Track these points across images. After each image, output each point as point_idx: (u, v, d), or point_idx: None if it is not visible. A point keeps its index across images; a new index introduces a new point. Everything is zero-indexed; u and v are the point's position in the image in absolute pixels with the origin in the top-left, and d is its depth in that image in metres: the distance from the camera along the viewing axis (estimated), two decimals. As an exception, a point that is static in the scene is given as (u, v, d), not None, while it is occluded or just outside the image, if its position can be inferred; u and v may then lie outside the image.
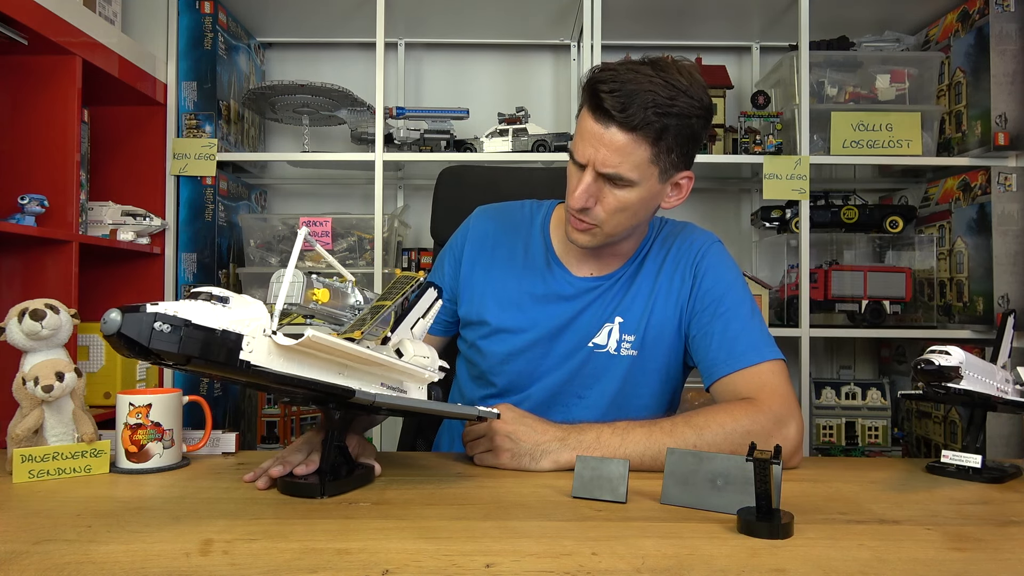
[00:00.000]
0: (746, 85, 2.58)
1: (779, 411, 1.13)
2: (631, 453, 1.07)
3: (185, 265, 2.15)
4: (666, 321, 1.26)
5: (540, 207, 1.38)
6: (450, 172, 1.70)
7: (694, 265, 1.27)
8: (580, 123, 1.14)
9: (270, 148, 2.61)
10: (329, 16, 2.38)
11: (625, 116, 1.07)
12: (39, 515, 0.87)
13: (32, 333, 1.06)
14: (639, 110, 1.07)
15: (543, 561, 0.72)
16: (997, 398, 1.09)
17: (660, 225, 1.34)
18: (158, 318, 0.72)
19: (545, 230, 1.35)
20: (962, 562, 0.74)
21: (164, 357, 0.74)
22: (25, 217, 1.58)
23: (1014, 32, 2.04)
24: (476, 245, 1.35)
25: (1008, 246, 2.03)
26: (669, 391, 1.32)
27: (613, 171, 1.11)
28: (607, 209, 1.15)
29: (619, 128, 1.08)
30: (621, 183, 1.12)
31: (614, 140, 1.09)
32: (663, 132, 1.09)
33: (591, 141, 1.11)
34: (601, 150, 1.10)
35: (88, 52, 1.74)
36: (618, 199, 1.14)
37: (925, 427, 2.24)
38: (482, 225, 1.37)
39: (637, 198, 1.15)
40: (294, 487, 0.94)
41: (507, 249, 1.34)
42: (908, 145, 2.16)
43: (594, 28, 2.15)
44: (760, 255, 2.58)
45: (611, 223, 1.17)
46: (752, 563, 0.72)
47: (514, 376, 1.29)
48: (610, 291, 1.29)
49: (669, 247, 1.30)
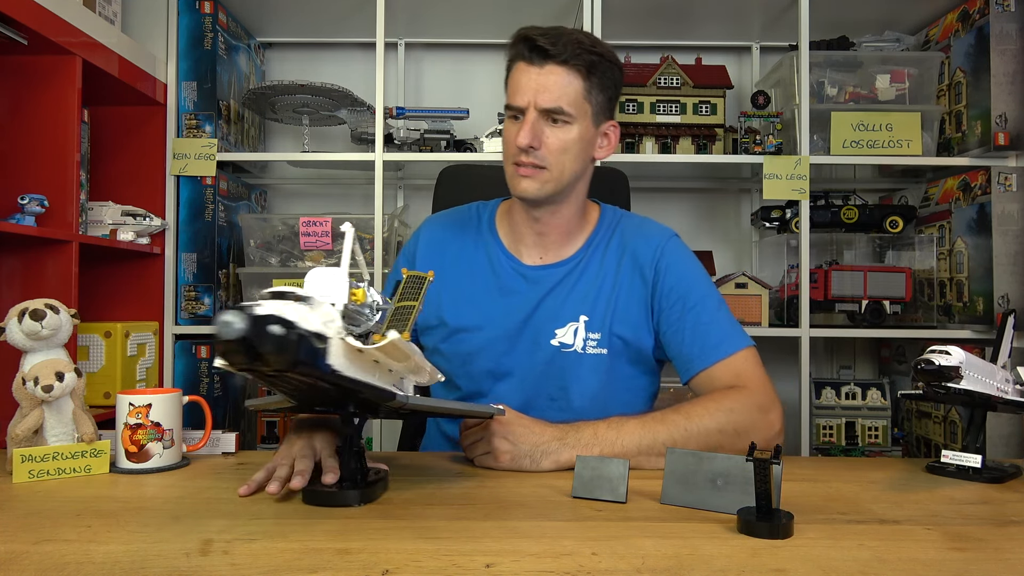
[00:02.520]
0: (746, 85, 2.58)
1: (761, 399, 1.17)
2: (628, 446, 1.09)
3: (185, 265, 2.15)
4: (632, 319, 1.27)
5: (486, 206, 1.41)
6: (450, 172, 1.70)
7: (655, 262, 1.29)
8: (513, 77, 1.23)
9: (270, 148, 2.61)
10: (329, 16, 2.38)
11: (558, 49, 1.18)
12: (39, 515, 0.87)
13: (32, 333, 1.06)
14: (570, 44, 1.19)
15: (543, 561, 0.72)
16: (997, 398, 1.09)
17: (616, 217, 1.36)
18: (272, 320, 0.67)
19: (492, 225, 1.37)
20: (962, 562, 0.74)
21: (270, 364, 0.68)
22: (25, 217, 1.58)
23: (1014, 32, 2.04)
24: (427, 252, 1.36)
25: (1008, 246, 2.03)
26: (647, 388, 1.34)
27: (554, 104, 1.18)
28: (551, 149, 1.21)
29: (554, 63, 1.19)
30: (561, 119, 1.20)
31: (551, 75, 1.19)
32: (592, 67, 1.20)
33: (529, 84, 1.20)
34: (540, 88, 1.19)
35: (88, 52, 1.74)
36: (560, 139, 1.21)
37: (925, 427, 2.24)
38: (432, 232, 1.39)
39: (577, 137, 1.22)
40: (327, 497, 0.90)
41: (457, 249, 1.35)
42: (908, 145, 2.16)
43: (594, 28, 2.15)
44: (760, 255, 2.58)
45: (556, 165, 1.22)
46: (752, 563, 0.72)
47: (479, 377, 1.29)
48: (565, 280, 1.30)
49: (627, 243, 1.32)
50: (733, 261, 2.59)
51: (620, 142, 2.20)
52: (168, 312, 2.13)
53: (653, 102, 2.22)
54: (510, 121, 1.24)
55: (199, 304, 2.14)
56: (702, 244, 2.57)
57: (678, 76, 2.22)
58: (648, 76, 2.22)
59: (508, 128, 1.24)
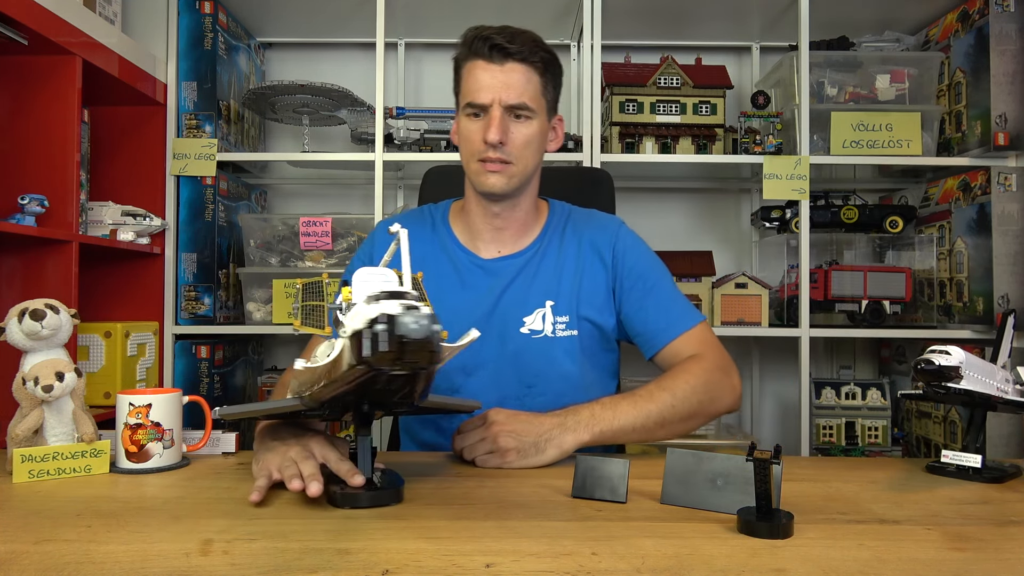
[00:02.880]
0: (746, 85, 2.58)
1: (722, 362, 1.28)
2: (624, 424, 1.14)
3: (185, 265, 2.15)
4: (597, 301, 1.33)
5: (437, 207, 1.44)
6: (436, 172, 1.71)
7: (612, 247, 1.36)
8: (471, 75, 1.25)
9: (270, 148, 2.61)
10: (329, 16, 2.38)
11: (517, 47, 1.23)
12: (39, 515, 0.87)
13: (32, 333, 1.06)
14: (528, 43, 1.25)
15: (543, 561, 0.72)
16: (997, 398, 1.09)
17: (566, 210, 1.42)
18: (437, 320, 0.67)
19: (446, 223, 1.39)
20: (962, 562, 0.74)
21: (434, 361, 0.69)
22: (25, 217, 1.58)
23: (1014, 32, 2.04)
24: (383, 251, 1.35)
25: (1008, 246, 2.03)
26: (612, 365, 1.41)
27: (519, 100, 1.23)
28: (516, 144, 1.25)
29: (514, 61, 1.24)
30: (524, 114, 1.25)
31: (514, 72, 1.24)
32: (547, 64, 1.28)
33: (492, 81, 1.23)
34: (504, 85, 1.23)
35: (88, 52, 1.74)
36: (523, 134, 1.25)
37: (925, 427, 2.24)
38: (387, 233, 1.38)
39: (538, 131, 1.27)
40: (369, 499, 0.89)
41: (414, 248, 1.35)
42: (908, 145, 2.16)
43: (594, 28, 2.15)
44: (760, 255, 2.58)
45: (521, 159, 1.26)
46: (752, 563, 0.72)
47: (450, 373, 1.30)
48: (526, 269, 1.33)
49: (581, 231, 1.38)
50: (733, 261, 2.59)
51: (620, 142, 2.22)
52: (168, 312, 2.13)
53: (653, 102, 2.22)
54: (469, 119, 1.27)
55: (199, 304, 2.14)
56: (702, 244, 2.57)
57: (678, 76, 2.22)
58: (648, 76, 2.22)
59: (468, 126, 1.27)
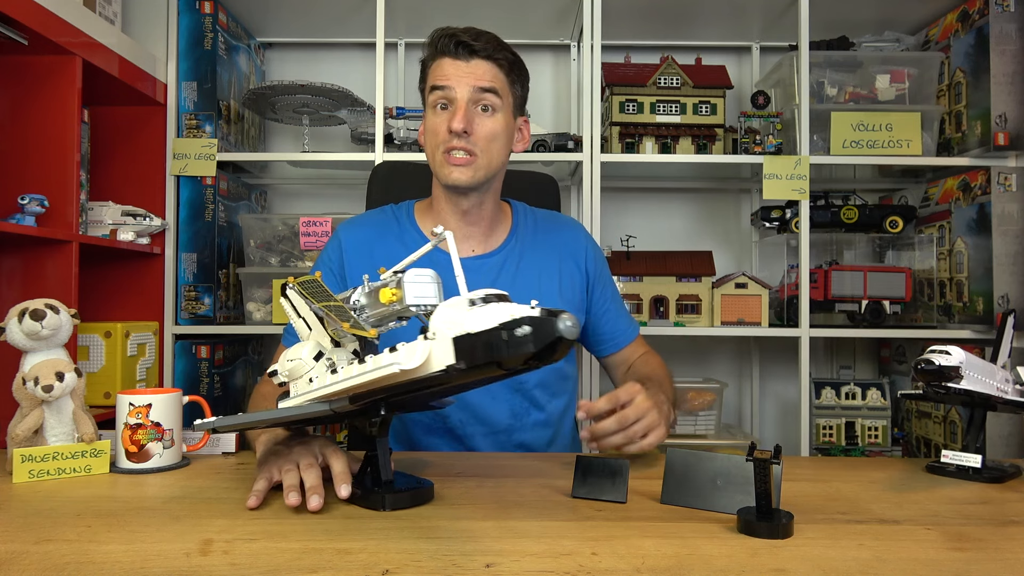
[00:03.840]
0: (746, 85, 2.58)
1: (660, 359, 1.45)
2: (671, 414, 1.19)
3: (185, 265, 2.15)
4: (575, 300, 1.40)
5: (400, 207, 1.44)
6: (384, 168, 1.73)
7: (584, 251, 1.43)
8: (437, 69, 1.28)
9: (270, 148, 2.61)
10: (329, 16, 2.38)
11: (483, 45, 1.26)
12: (39, 515, 0.87)
13: (32, 333, 1.06)
14: (492, 41, 1.28)
15: (543, 561, 0.72)
16: (997, 398, 1.09)
17: (528, 209, 1.46)
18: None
19: (413, 223, 1.39)
20: (962, 562, 0.74)
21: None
22: (25, 217, 1.58)
23: (1014, 32, 2.04)
24: (354, 254, 1.36)
25: (1008, 246, 2.03)
26: (573, 357, 1.54)
27: (489, 84, 1.25)
28: (481, 136, 1.26)
29: (480, 58, 1.26)
30: (490, 104, 1.26)
31: (479, 67, 1.26)
32: (512, 64, 1.30)
33: (458, 75, 1.25)
34: (471, 75, 1.25)
35: (88, 52, 1.74)
36: (488, 127, 1.27)
37: (925, 427, 2.24)
38: (354, 235, 1.39)
39: (503, 126, 1.29)
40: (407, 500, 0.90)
41: (385, 250, 1.35)
42: (908, 145, 2.16)
43: (594, 28, 2.15)
44: (760, 255, 2.58)
45: (486, 152, 1.27)
46: (752, 563, 0.72)
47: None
48: (505, 268, 1.36)
49: (552, 233, 1.43)
50: (733, 261, 2.59)
51: (620, 142, 2.22)
52: (168, 312, 2.13)
53: (653, 102, 2.22)
54: (434, 112, 1.28)
55: (199, 304, 2.14)
56: (702, 244, 2.57)
57: (678, 76, 2.22)
58: (648, 76, 2.22)
59: (433, 119, 1.28)
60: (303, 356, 0.92)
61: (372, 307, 0.89)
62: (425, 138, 1.32)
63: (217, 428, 0.97)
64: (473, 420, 1.32)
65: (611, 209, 2.55)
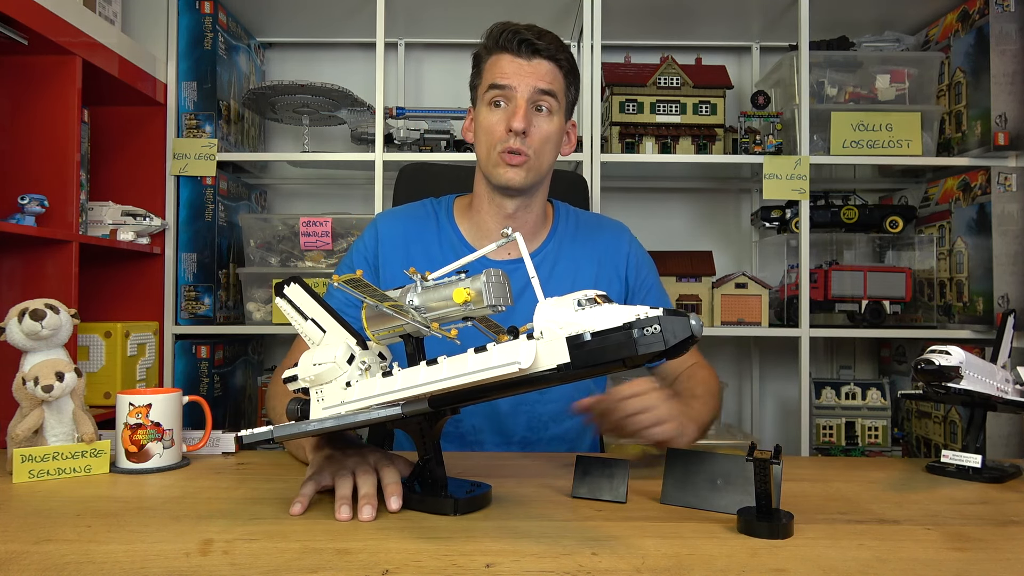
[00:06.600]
0: (746, 85, 2.58)
1: (708, 364, 1.38)
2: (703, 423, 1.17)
3: (185, 265, 2.15)
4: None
5: (439, 202, 1.41)
6: (410, 169, 1.71)
7: (626, 257, 1.39)
8: (496, 65, 1.26)
9: (270, 148, 2.61)
10: (329, 16, 2.38)
11: (546, 44, 1.24)
12: (39, 515, 0.87)
13: (32, 333, 1.06)
14: (554, 42, 1.26)
15: (543, 561, 0.72)
16: (997, 398, 1.09)
17: (571, 211, 1.43)
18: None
19: (452, 221, 1.37)
20: (962, 562, 0.74)
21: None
22: (25, 217, 1.58)
23: (1014, 32, 2.04)
24: (389, 246, 1.34)
25: (1008, 246, 2.03)
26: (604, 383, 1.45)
27: (548, 85, 1.24)
28: (537, 138, 1.25)
29: (543, 58, 1.25)
30: (547, 105, 1.25)
31: (541, 67, 1.25)
32: (571, 66, 1.29)
33: (520, 73, 1.24)
34: (533, 74, 1.24)
35: (88, 52, 1.74)
36: (544, 129, 1.25)
37: (925, 427, 2.24)
38: (391, 226, 1.36)
39: (557, 128, 1.27)
40: (475, 503, 0.89)
41: (421, 245, 1.34)
42: (908, 145, 2.16)
43: (594, 28, 2.15)
44: (760, 255, 2.58)
45: (540, 154, 1.26)
46: (752, 563, 0.72)
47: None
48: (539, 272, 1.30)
49: (592, 236, 1.39)
50: (733, 261, 2.59)
51: (620, 142, 2.22)
52: (168, 312, 2.13)
53: (653, 102, 2.22)
54: (489, 109, 1.26)
55: (199, 304, 2.14)
56: (702, 244, 2.57)
57: (678, 76, 2.22)
58: (648, 76, 2.22)
59: (488, 116, 1.26)
60: (336, 359, 0.85)
61: (432, 306, 0.85)
62: (476, 135, 1.29)
63: (275, 438, 0.88)
64: (488, 428, 1.31)
65: (611, 209, 2.55)
